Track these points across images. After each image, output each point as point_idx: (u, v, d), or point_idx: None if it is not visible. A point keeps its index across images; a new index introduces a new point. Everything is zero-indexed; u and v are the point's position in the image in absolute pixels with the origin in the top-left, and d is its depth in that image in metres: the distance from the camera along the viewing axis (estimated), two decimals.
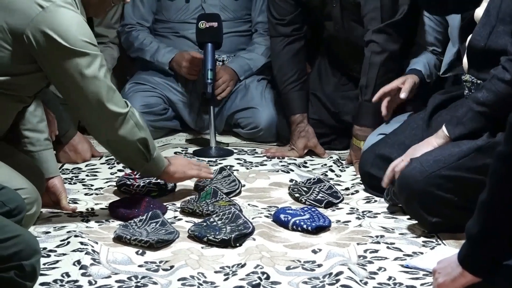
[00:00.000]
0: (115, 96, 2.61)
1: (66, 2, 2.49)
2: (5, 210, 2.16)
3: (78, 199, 2.99)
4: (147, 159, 2.72)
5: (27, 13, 2.46)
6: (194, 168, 2.95)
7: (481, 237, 1.84)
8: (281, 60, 3.56)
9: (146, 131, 2.70)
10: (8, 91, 2.55)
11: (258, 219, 2.75)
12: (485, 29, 2.56)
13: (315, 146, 3.53)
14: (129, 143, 2.67)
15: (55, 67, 2.52)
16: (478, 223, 1.84)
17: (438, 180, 2.56)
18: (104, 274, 2.33)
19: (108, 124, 2.62)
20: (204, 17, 3.63)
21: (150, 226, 2.64)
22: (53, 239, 2.57)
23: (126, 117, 2.62)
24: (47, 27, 2.45)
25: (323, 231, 2.67)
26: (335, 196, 2.97)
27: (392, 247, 2.53)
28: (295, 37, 3.55)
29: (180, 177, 2.92)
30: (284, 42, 3.55)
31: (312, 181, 3.07)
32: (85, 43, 2.51)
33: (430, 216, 2.60)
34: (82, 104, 2.58)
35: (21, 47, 2.48)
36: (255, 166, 3.40)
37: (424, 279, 2.30)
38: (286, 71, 3.54)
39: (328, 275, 2.32)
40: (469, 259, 1.88)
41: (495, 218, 1.81)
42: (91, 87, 2.53)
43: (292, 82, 3.54)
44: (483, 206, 1.83)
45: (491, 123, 2.55)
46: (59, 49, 2.47)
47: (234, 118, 3.82)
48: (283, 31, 3.55)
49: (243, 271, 2.34)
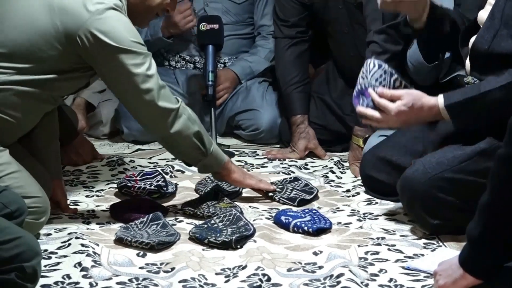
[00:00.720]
0: (166, 92, 2.65)
1: (115, 5, 2.56)
2: (5, 212, 2.17)
3: (79, 201, 2.99)
4: (204, 153, 2.74)
5: (79, 16, 2.52)
6: (253, 179, 2.94)
7: (482, 239, 1.84)
8: (285, 61, 3.57)
9: (199, 125, 2.73)
10: (46, 91, 2.61)
11: (259, 221, 2.75)
12: (489, 32, 2.56)
13: (315, 148, 3.53)
14: (184, 138, 2.70)
15: (108, 68, 2.59)
16: (479, 225, 1.84)
17: (441, 182, 2.56)
18: (105, 276, 2.33)
19: (162, 120, 2.66)
20: (205, 19, 3.64)
21: (151, 228, 2.64)
22: (54, 241, 2.57)
23: (178, 112, 2.66)
24: (97, 30, 2.52)
25: (324, 233, 2.67)
26: (308, 192, 2.98)
27: (393, 249, 2.53)
28: (299, 39, 3.57)
29: (238, 179, 2.89)
30: (288, 44, 3.56)
31: (288, 180, 3.09)
32: (134, 43, 2.57)
33: (431, 218, 2.60)
34: (135, 103, 2.64)
35: (72, 48, 2.55)
36: (256, 168, 3.40)
37: (425, 281, 2.30)
38: (289, 72, 3.55)
39: (329, 277, 2.32)
40: (470, 261, 1.88)
41: (496, 220, 1.81)
42: (142, 85, 2.59)
43: (295, 83, 3.55)
44: (484, 208, 1.84)
45: (487, 103, 2.50)
46: (110, 50, 2.54)
47: (235, 120, 3.82)
48: (288, 32, 3.56)
49: (244, 273, 2.34)
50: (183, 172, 3.33)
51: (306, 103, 3.58)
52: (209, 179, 3.15)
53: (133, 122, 3.72)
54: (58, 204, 2.82)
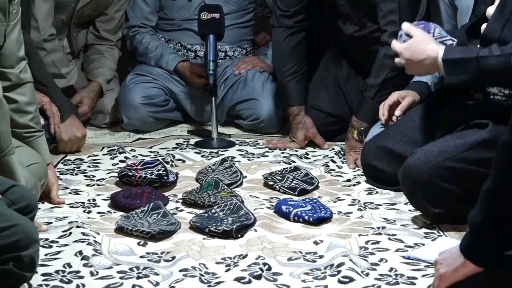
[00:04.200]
0: None
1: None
2: (13, 209, 2.14)
3: (80, 190, 2.99)
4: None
5: None
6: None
7: (484, 226, 1.83)
8: (282, 50, 3.56)
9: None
10: None
11: (259, 210, 2.75)
12: (499, 22, 2.56)
13: (314, 136, 3.53)
14: None
15: None
16: (482, 212, 1.84)
17: (442, 171, 2.56)
18: (105, 265, 2.33)
19: None
20: (206, 8, 3.64)
21: (152, 217, 2.64)
22: (55, 229, 2.57)
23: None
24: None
25: (325, 223, 2.67)
26: (309, 183, 2.99)
27: (394, 238, 2.53)
28: (297, 29, 3.55)
29: None
30: (285, 33, 3.55)
31: (288, 169, 3.09)
32: None
33: (433, 207, 2.60)
34: None
35: None
36: (256, 157, 3.40)
37: (425, 270, 2.30)
38: (286, 62, 3.54)
39: (329, 266, 2.32)
40: (471, 248, 1.87)
41: (499, 207, 1.80)
42: None
43: (291, 74, 3.54)
44: (486, 195, 1.83)
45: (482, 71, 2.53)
46: None
47: (235, 109, 3.82)
48: (286, 23, 3.55)
49: (245, 262, 2.34)
50: (184, 161, 3.33)
51: (303, 94, 3.57)
52: (209, 169, 3.15)
53: (133, 112, 3.73)
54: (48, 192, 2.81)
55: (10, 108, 2.55)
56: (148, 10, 3.91)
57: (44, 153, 2.77)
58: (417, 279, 2.26)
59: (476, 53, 2.52)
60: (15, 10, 2.58)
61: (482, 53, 2.52)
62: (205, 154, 3.44)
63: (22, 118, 2.69)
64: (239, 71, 3.84)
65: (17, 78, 2.65)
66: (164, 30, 3.93)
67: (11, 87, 2.65)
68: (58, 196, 2.83)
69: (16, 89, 2.66)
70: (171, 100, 3.86)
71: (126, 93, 3.77)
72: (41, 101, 3.21)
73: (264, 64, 3.87)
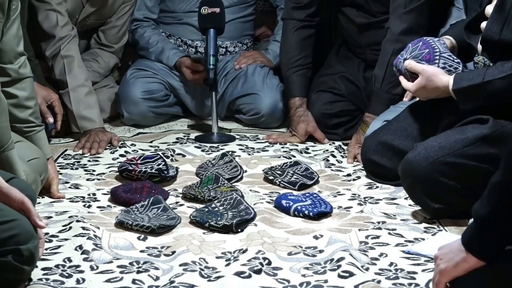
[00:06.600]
0: None
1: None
2: None
3: (80, 184, 2.99)
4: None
5: None
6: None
7: (490, 218, 1.82)
8: (290, 42, 3.57)
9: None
10: None
11: (259, 205, 2.75)
12: (498, 24, 2.56)
13: (314, 131, 3.53)
14: None
15: None
16: (489, 204, 1.82)
17: (443, 166, 2.56)
18: (105, 259, 2.34)
19: None
20: (206, 3, 3.63)
21: (152, 211, 2.64)
22: (55, 224, 2.57)
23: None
24: None
25: (325, 217, 2.67)
26: (309, 177, 2.99)
27: (394, 233, 2.53)
28: (307, 23, 3.56)
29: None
30: (295, 26, 3.56)
31: (288, 164, 3.09)
32: None
33: (433, 202, 2.60)
34: None
35: None
36: (257, 152, 3.40)
37: (425, 265, 2.30)
38: (294, 53, 3.55)
39: (329, 261, 2.32)
40: (475, 241, 1.86)
41: (507, 200, 1.79)
42: None
43: (297, 66, 3.54)
44: (495, 188, 1.81)
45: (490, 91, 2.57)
46: None
47: (236, 104, 3.82)
48: (297, 16, 3.56)
49: (245, 257, 2.34)
50: (184, 156, 3.33)
51: (306, 87, 3.57)
52: (210, 163, 3.15)
53: (133, 106, 3.73)
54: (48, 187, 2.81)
55: (10, 103, 2.56)
56: (151, 3, 3.91)
57: (44, 147, 2.77)
58: (417, 273, 2.25)
59: (482, 77, 2.58)
60: (15, 6, 2.58)
61: (488, 76, 2.57)
62: (205, 148, 3.44)
63: (22, 113, 2.69)
64: (239, 66, 3.84)
65: (16, 73, 2.65)
66: (165, 24, 3.93)
67: (11, 82, 2.65)
68: (58, 190, 2.84)
69: (16, 84, 2.67)
70: (171, 95, 3.86)
71: (126, 87, 3.77)
72: (50, 98, 3.20)
73: (265, 58, 3.87)
